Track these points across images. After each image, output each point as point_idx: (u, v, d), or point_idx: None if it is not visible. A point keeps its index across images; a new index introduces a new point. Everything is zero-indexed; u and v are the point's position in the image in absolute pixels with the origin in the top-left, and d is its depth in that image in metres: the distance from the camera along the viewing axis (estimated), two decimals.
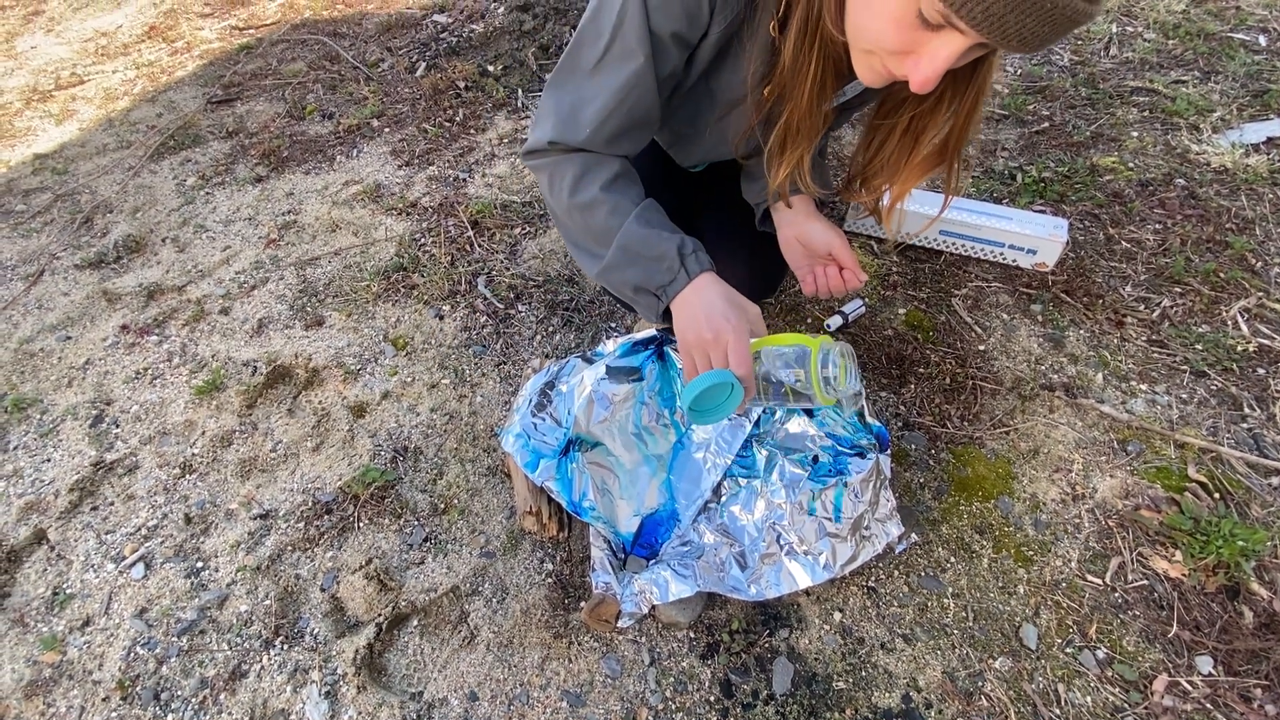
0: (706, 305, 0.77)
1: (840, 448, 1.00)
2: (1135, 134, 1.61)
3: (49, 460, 1.23)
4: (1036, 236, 1.29)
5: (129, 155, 2.01)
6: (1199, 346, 1.20)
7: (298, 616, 1.00)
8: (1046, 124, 1.68)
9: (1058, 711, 0.85)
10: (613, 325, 1.34)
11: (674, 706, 0.89)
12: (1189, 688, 0.86)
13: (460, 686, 0.92)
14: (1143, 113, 1.67)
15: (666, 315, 0.83)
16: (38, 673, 0.97)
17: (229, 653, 0.97)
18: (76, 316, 1.51)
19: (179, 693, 0.94)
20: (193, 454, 1.22)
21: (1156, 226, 1.41)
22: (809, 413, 1.03)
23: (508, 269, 1.48)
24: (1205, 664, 0.87)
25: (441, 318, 1.40)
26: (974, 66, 0.68)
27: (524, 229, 1.58)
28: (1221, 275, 1.30)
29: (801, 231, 1.00)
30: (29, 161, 2.04)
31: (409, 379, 1.30)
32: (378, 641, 0.96)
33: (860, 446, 1.00)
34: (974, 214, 1.33)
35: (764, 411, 1.04)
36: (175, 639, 0.99)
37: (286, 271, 1.55)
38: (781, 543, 0.93)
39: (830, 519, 0.93)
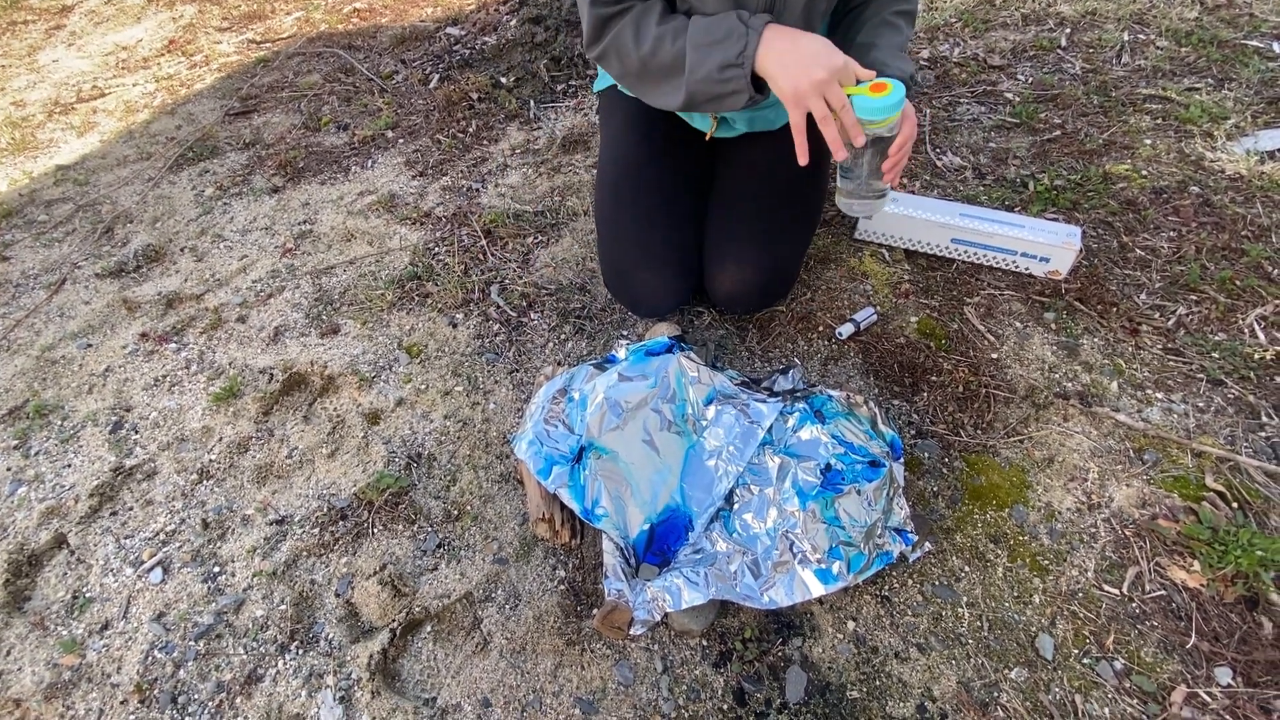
0: (795, 47, 0.79)
1: (854, 455, 0.99)
2: (1148, 141, 1.60)
3: (69, 466, 1.25)
4: (1049, 244, 1.29)
5: (149, 166, 2.05)
6: (1215, 354, 1.19)
7: (313, 622, 1.01)
8: (1058, 132, 1.68)
9: None
10: (624, 333, 1.35)
11: (687, 715, 0.89)
12: (1208, 699, 0.85)
13: (473, 693, 0.92)
14: (1156, 120, 1.66)
15: (759, 88, 0.84)
16: (57, 675, 0.98)
17: (245, 657, 0.98)
18: (97, 325, 1.53)
19: (196, 696, 0.95)
20: (210, 460, 1.23)
21: (1171, 234, 1.40)
22: (821, 419, 1.03)
23: (520, 277, 1.50)
24: (1224, 675, 0.86)
25: (455, 326, 1.42)
26: None
27: (536, 238, 1.59)
28: (1238, 283, 1.29)
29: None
30: (51, 173, 2.09)
31: (423, 386, 1.31)
32: (392, 647, 0.96)
33: (873, 454, 1.00)
34: (986, 221, 1.32)
35: (777, 419, 1.04)
36: (192, 643, 1.00)
37: (302, 280, 1.57)
38: (794, 551, 0.93)
39: (843, 527, 0.93)
